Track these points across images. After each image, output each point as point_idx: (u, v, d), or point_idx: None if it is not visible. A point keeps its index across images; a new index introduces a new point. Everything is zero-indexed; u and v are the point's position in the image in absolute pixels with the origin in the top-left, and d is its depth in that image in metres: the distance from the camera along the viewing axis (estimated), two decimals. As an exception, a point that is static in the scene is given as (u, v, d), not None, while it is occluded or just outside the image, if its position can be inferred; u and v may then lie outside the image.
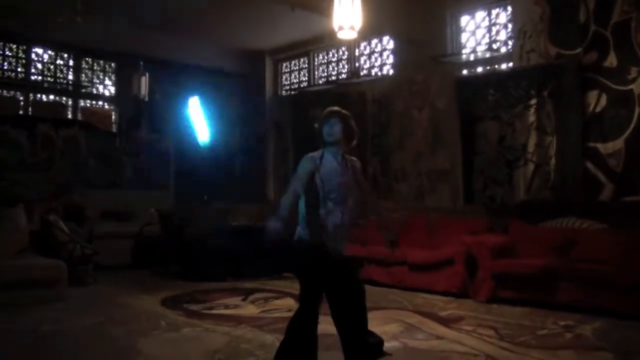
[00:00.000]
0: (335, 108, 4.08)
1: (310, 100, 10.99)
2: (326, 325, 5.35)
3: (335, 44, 10.82)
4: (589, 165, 7.18)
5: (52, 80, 11.28)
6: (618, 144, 6.95)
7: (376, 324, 4.63)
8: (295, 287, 7.44)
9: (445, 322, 5.49)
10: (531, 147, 7.72)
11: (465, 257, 6.74)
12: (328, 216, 3.88)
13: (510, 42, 8.27)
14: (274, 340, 4.90)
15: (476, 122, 8.33)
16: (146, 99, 10.30)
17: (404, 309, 6.07)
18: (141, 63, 10.27)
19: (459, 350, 4.51)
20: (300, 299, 3.97)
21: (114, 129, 11.75)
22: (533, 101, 7.69)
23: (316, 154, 4.00)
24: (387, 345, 4.51)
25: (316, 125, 4.07)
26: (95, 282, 7.98)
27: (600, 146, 7.09)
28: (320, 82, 11.10)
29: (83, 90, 11.58)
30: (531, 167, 7.72)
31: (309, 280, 3.92)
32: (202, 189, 11.61)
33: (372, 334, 4.41)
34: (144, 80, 10.18)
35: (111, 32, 9.87)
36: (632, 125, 6.82)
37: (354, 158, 4.15)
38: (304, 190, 3.90)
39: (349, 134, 4.03)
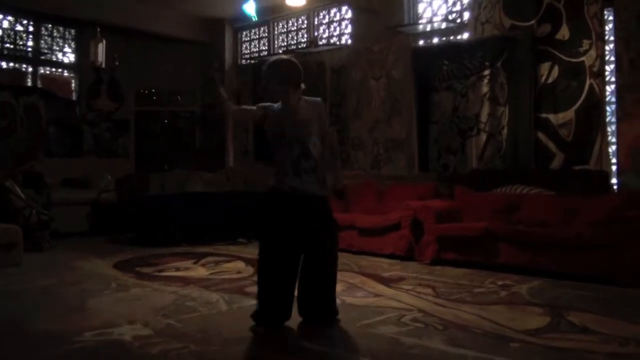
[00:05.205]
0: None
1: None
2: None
3: (295, 13, 10.83)
4: (541, 135, 7.30)
5: (11, 47, 11.13)
6: (569, 114, 7.05)
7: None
8: (246, 251, 7.66)
9: (386, 281, 5.67)
10: (484, 117, 7.85)
11: (411, 222, 6.91)
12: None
13: (466, 14, 8.38)
14: (219, 298, 5.07)
15: (431, 92, 8.46)
16: (103, 65, 10.21)
17: (350, 270, 6.22)
18: (98, 29, 10.16)
19: (394, 306, 4.68)
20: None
21: (74, 97, 11.66)
22: (487, 72, 7.80)
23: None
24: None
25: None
26: (52, 247, 8.01)
27: (551, 117, 7.21)
28: (280, 51, 11.07)
29: (43, 58, 11.45)
30: (484, 136, 7.86)
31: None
32: (163, 159, 11.67)
33: None
34: (101, 47, 10.07)
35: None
36: (582, 97, 6.91)
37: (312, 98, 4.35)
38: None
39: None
